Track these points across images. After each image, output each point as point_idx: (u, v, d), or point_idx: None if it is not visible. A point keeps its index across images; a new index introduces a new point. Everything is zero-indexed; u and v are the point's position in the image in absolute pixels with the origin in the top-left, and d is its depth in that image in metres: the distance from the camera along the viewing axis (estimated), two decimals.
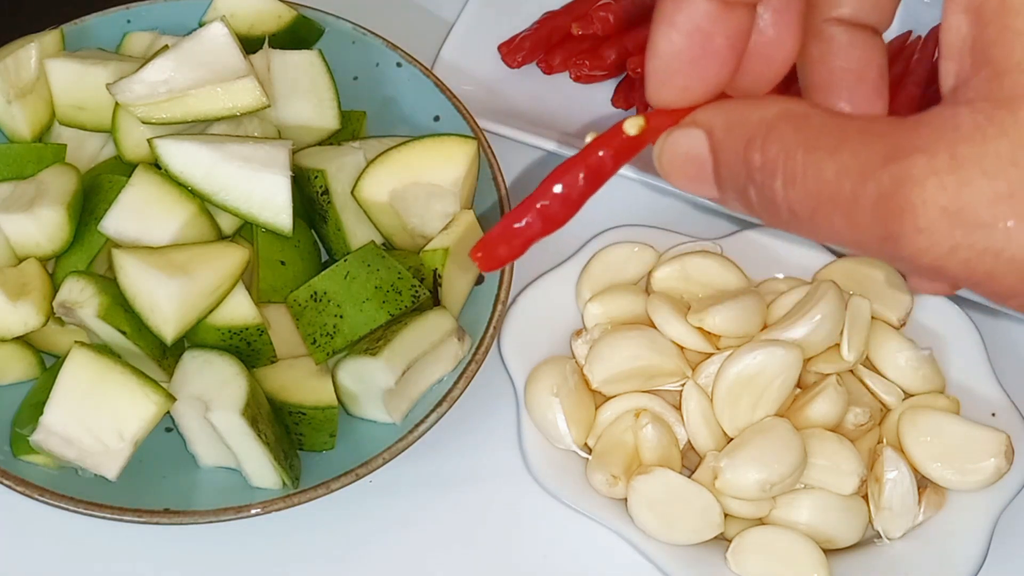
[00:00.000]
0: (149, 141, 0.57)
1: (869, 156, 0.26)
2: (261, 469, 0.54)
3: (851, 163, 0.27)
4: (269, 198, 0.57)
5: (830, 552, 0.55)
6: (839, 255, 0.65)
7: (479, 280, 0.61)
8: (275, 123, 0.62)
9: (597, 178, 0.32)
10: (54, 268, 0.58)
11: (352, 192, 0.60)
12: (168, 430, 0.57)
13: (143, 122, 0.59)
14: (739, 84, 0.33)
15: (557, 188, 0.32)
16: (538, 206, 0.32)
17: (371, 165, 0.60)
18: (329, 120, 0.64)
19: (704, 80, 0.31)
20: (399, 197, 0.60)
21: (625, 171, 0.68)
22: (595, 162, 0.32)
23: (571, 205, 0.32)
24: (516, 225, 0.32)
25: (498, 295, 0.59)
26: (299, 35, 0.67)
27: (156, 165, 0.58)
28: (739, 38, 0.31)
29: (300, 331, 0.57)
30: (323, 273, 0.57)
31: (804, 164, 0.28)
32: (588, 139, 0.33)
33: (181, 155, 0.57)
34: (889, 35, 0.79)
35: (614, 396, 0.59)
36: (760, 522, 0.56)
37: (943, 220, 0.25)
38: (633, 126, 0.32)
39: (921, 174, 0.25)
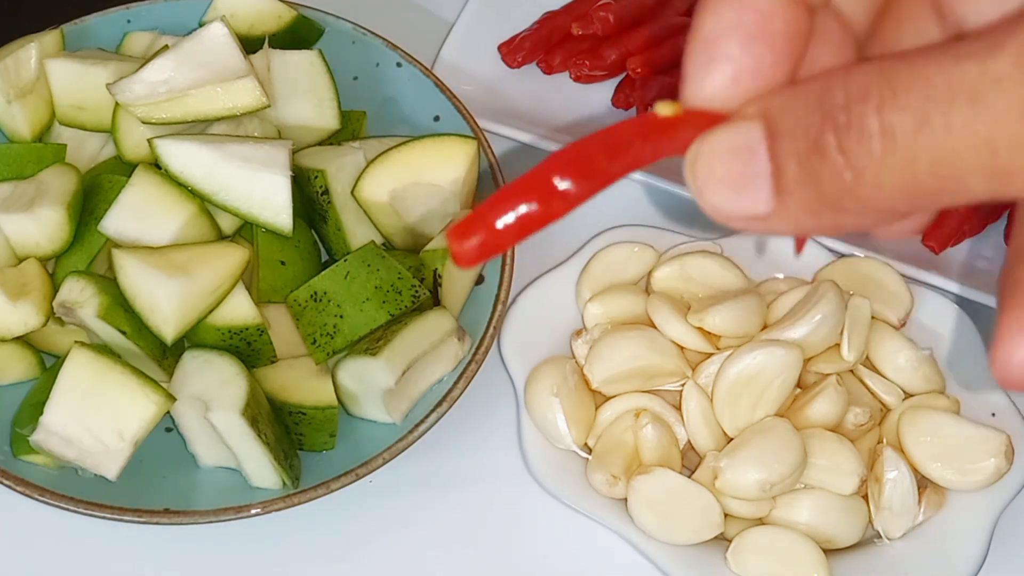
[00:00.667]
0: (149, 141, 0.57)
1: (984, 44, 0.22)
2: (261, 469, 0.54)
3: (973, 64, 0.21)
4: (269, 198, 0.57)
5: (830, 552, 0.55)
6: (839, 255, 0.65)
7: (479, 280, 0.61)
8: (275, 123, 0.62)
9: (620, 156, 0.26)
10: (54, 268, 0.58)
11: (352, 192, 0.60)
12: (168, 430, 0.58)
13: (143, 122, 0.59)
14: None
15: (571, 159, 0.25)
16: (553, 187, 0.25)
17: (371, 165, 0.60)
18: (329, 120, 0.64)
19: (757, 71, 0.26)
20: (399, 197, 0.60)
21: None
22: (619, 140, 0.26)
23: (589, 190, 0.26)
24: (515, 211, 0.25)
25: (498, 295, 0.59)
26: (299, 35, 0.67)
27: (156, 165, 0.58)
28: (799, 35, 0.26)
29: (300, 331, 0.57)
30: (323, 273, 0.57)
31: (908, 79, 0.22)
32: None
33: (181, 155, 0.57)
34: None
35: (614, 396, 0.59)
36: (760, 522, 0.56)
37: None
38: (667, 108, 0.26)
39: None
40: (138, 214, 0.56)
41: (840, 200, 0.24)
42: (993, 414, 0.60)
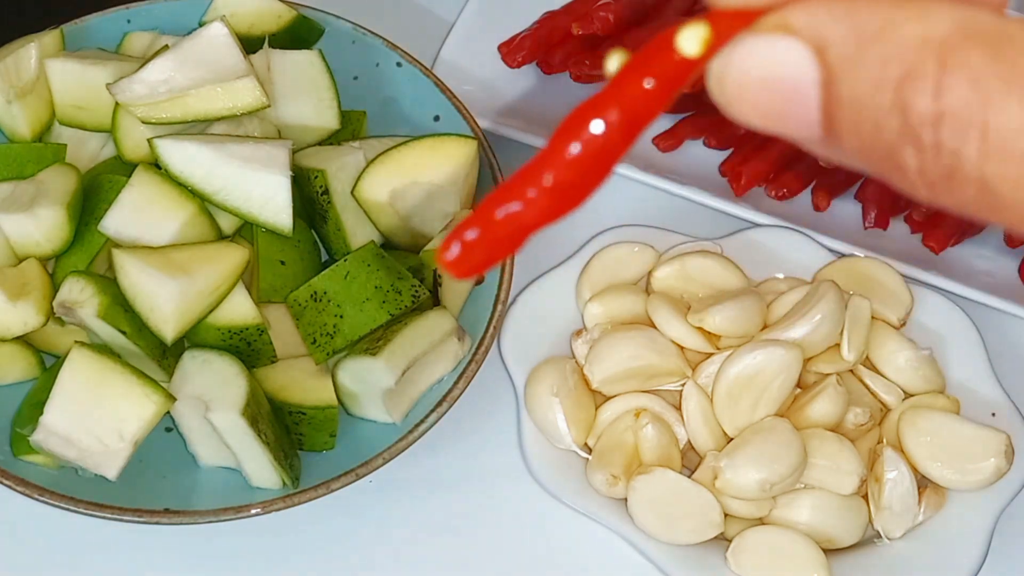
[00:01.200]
0: (149, 141, 0.57)
1: None
2: (261, 469, 0.54)
3: None
4: (269, 198, 0.57)
5: (830, 552, 0.55)
6: (839, 255, 0.65)
7: (479, 280, 0.61)
8: (275, 123, 0.62)
9: (636, 122, 0.20)
10: (54, 268, 0.58)
11: (352, 192, 0.60)
12: (168, 430, 0.57)
13: (143, 122, 0.59)
14: None
15: (575, 146, 0.21)
16: (546, 181, 0.21)
17: (371, 165, 0.60)
18: (329, 120, 0.64)
19: None
20: (399, 197, 0.60)
21: (625, 171, 0.68)
22: (634, 97, 0.20)
23: (597, 170, 0.21)
24: (508, 210, 0.21)
25: (498, 295, 0.59)
26: (299, 35, 0.67)
27: (156, 165, 0.58)
28: None
29: (300, 331, 0.57)
30: (323, 273, 0.57)
31: (1018, 125, 0.18)
32: (613, 64, 0.21)
33: (181, 155, 0.57)
34: None
35: (614, 396, 0.59)
36: (760, 522, 0.56)
37: None
38: (693, 39, 0.20)
39: None
40: (138, 214, 0.56)
41: (926, 184, 0.20)
42: (993, 414, 0.60)
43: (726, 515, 0.56)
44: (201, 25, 0.63)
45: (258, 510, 0.53)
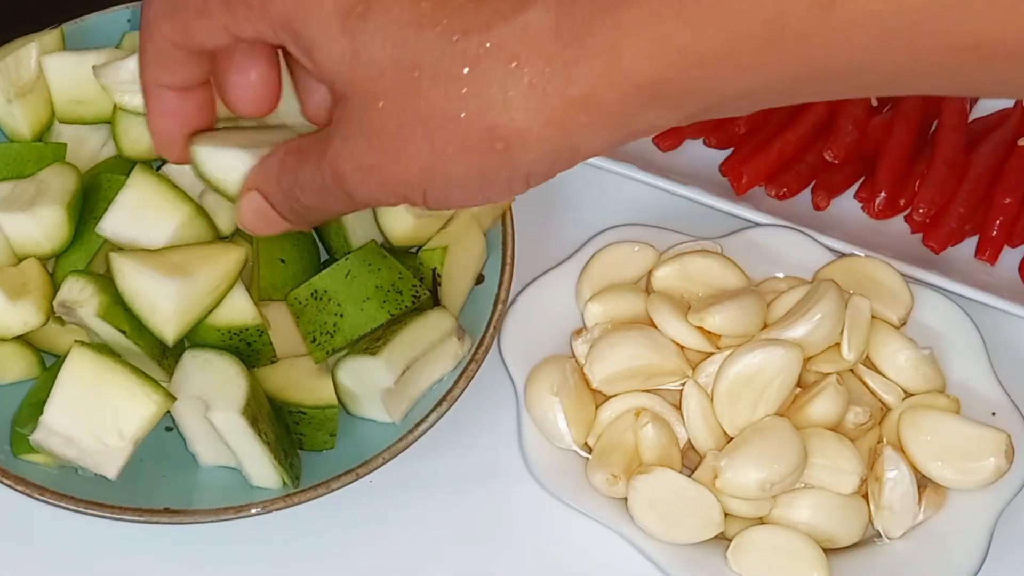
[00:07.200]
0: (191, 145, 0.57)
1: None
2: (261, 469, 0.54)
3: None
4: None
5: (830, 551, 0.55)
6: (839, 255, 0.65)
7: (479, 280, 0.61)
8: (275, 121, 0.62)
9: None
10: (54, 267, 0.58)
11: None
12: (168, 429, 0.57)
13: (121, 109, 0.58)
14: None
15: None
16: None
17: None
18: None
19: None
20: None
21: (625, 171, 0.68)
22: None
23: None
24: None
25: (498, 295, 0.59)
26: None
27: (154, 165, 0.58)
28: (204, 105, 0.46)
29: (300, 329, 0.57)
30: (324, 272, 0.57)
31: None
32: None
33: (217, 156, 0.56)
34: None
35: (614, 395, 0.59)
36: (760, 521, 0.56)
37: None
38: None
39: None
40: (134, 216, 0.56)
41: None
42: (993, 413, 0.60)
43: (726, 515, 0.56)
44: None
45: (258, 510, 0.53)
